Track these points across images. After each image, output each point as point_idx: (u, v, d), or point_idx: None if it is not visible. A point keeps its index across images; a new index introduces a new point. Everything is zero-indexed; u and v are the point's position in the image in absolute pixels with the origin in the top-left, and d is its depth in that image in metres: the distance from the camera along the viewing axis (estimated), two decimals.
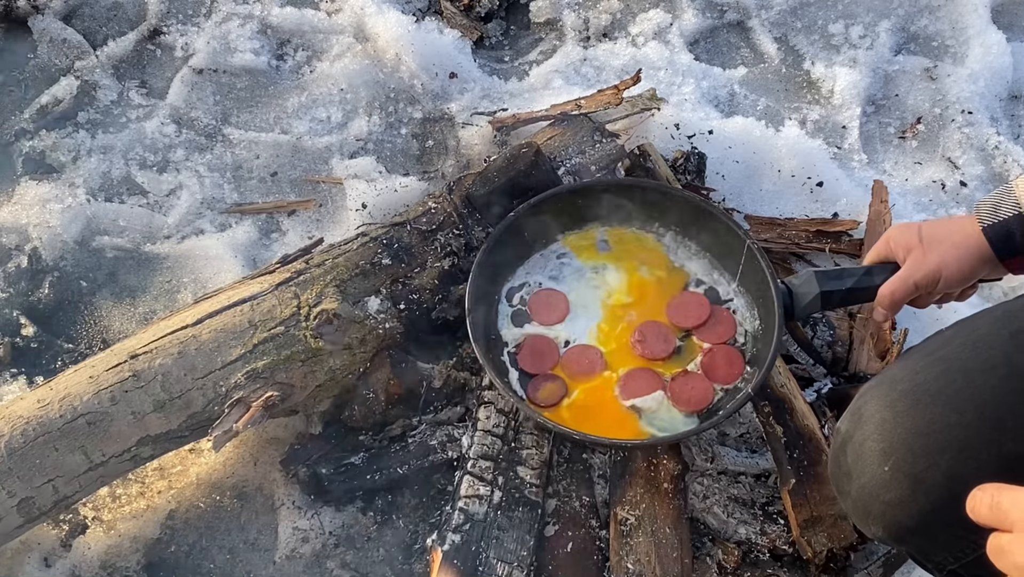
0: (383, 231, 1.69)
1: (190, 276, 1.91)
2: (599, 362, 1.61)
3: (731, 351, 1.62)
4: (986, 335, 1.21)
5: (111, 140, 2.08)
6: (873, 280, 1.41)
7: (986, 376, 1.16)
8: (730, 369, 1.60)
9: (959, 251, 1.30)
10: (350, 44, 2.22)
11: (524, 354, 1.63)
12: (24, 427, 1.44)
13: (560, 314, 1.66)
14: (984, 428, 1.13)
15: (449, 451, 1.60)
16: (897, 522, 1.16)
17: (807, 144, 2.08)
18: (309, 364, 1.55)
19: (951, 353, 1.21)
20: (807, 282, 1.48)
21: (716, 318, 1.65)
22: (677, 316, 1.65)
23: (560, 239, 1.74)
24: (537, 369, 1.61)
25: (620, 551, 1.49)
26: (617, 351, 1.63)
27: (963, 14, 2.30)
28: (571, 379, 1.60)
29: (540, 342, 1.64)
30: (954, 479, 1.11)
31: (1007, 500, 0.80)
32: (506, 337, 1.65)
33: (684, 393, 1.57)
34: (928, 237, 1.33)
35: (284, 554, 1.60)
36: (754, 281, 1.62)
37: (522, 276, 1.71)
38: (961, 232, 1.30)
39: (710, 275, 1.70)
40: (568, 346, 1.63)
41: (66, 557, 1.59)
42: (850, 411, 1.24)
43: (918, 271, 1.33)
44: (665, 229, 1.74)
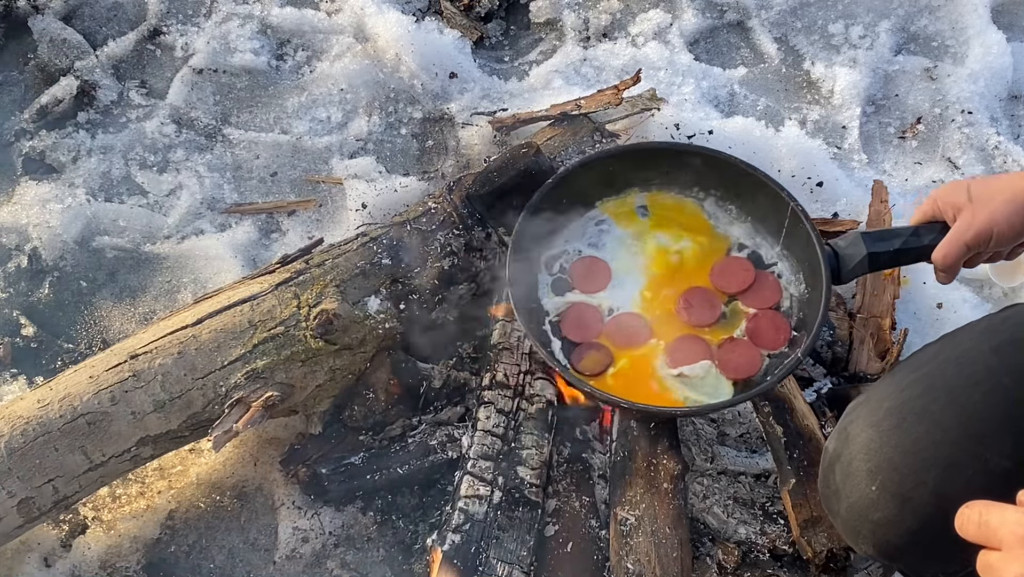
0: (383, 231, 1.69)
1: (190, 276, 1.91)
2: (645, 330, 1.58)
3: (777, 316, 1.59)
4: (969, 350, 1.20)
5: (111, 140, 2.08)
6: (921, 240, 1.39)
7: (969, 392, 1.15)
8: (776, 335, 1.57)
9: (1010, 207, 1.27)
10: (350, 44, 2.22)
11: (568, 323, 1.59)
12: (24, 427, 1.44)
13: (602, 282, 1.62)
14: (969, 444, 1.12)
15: (449, 451, 1.60)
16: (886, 541, 1.16)
17: (807, 144, 2.08)
18: (309, 364, 1.55)
19: (935, 370, 1.20)
20: (854, 243, 1.45)
21: (761, 282, 1.61)
22: (721, 281, 1.62)
23: (598, 205, 1.70)
24: (581, 337, 1.58)
25: (620, 551, 1.49)
26: (662, 318, 1.59)
27: (963, 14, 2.30)
28: (616, 348, 1.57)
29: (584, 310, 1.60)
30: (942, 497, 1.10)
31: (995, 518, 0.80)
32: (547, 306, 1.61)
33: (732, 361, 1.54)
34: (977, 195, 1.30)
35: (284, 554, 1.60)
36: (798, 244, 1.59)
37: (561, 244, 1.67)
38: (1011, 188, 1.27)
39: (752, 239, 1.67)
40: (612, 314, 1.60)
41: (66, 557, 1.59)
42: (837, 430, 1.24)
43: (969, 230, 1.30)
44: (705, 193, 1.70)
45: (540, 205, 1.61)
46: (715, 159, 1.67)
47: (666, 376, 1.54)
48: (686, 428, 1.67)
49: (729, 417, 1.70)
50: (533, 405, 1.60)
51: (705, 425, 1.69)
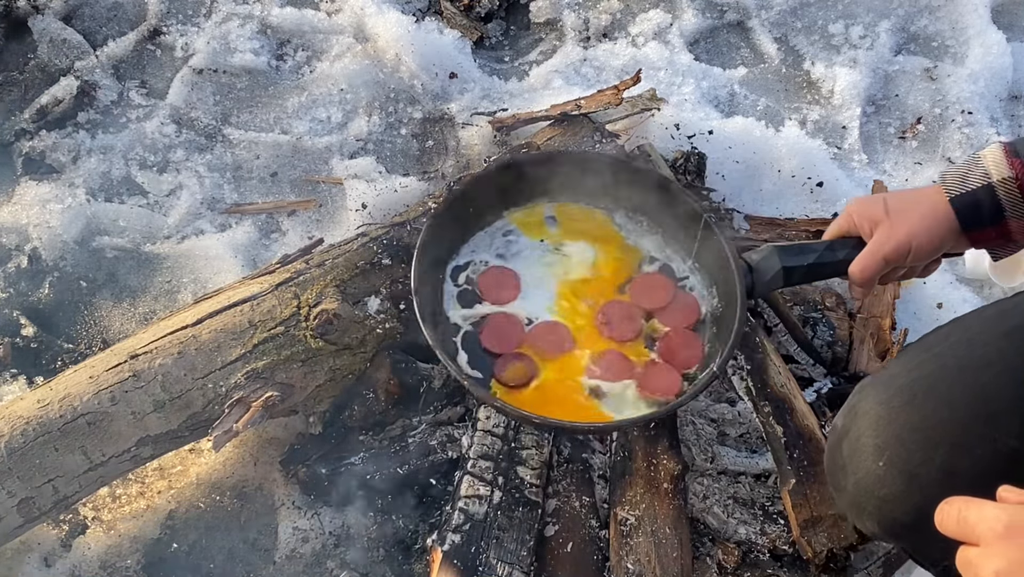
0: (383, 231, 1.69)
1: (190, 276, 1.91)
2: (568, 339, 1.56)
3: (689, 334, 1.58)
4: (981, 332, 1.21)
5: (111, 140, 2.08)
6: (835, 255, 1.38)
7: (980, 373, 1.16)
8: (688, 354, 1.55)
9: (927, 222, 1.27)
10: (350, 44, 2.22)
11: (487, 333, 1.57)
12: (24, 427, 1.44)
13: (511, 292, 1.60)
14: (978, 424, 1.13)
15: (449, 451, 1.60)
16: (892, 518, 1.16)
17: (807, 144, 2.08)
18: (309, 364, 1.55)
19: (946, 350, 1.20)
20: (768, 257, 1.44)
21: (679, 301, 1.60)
22: (640, 297, 1.60)
23: (505, 215, 1.68)
24: (502, 348, 1.55)
25: (620, 551, 1.49)
26: (584, 328, 1.57)
27: (963, 14, 2.31)
28: (540, 358, 1.55)
29: (503, 320, 1.58)
30: (948, 474, 1.11)
31: (974, 514, 0.80)
32: (454, 318, 1.59)
33: (652, 383, 1.53)
34: (895, 209, 1.30)
35: (284, 554, 1.60)
36: (711, 257, 1.57)
37: (467, 254, 1.64)
38: (928, 202, 1.27)
39: (663, 252, 1.65)
40: (532, 324, 1.58)
41: (66, 557, 1.59)
42: (846, 406, 1.24)
43: (887, 243, 1.30)
44: (615, 204, 1.68)
45: (443, 215, 1.58)
46: (621, 167, 1.65)
47: (585, 391, 1.52)
48: (686, 428, 1.67)
49: (729, 417, 1.70)
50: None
51: (705, 425, 1.69)
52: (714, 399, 1.73)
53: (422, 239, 1.55)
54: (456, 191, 1.61)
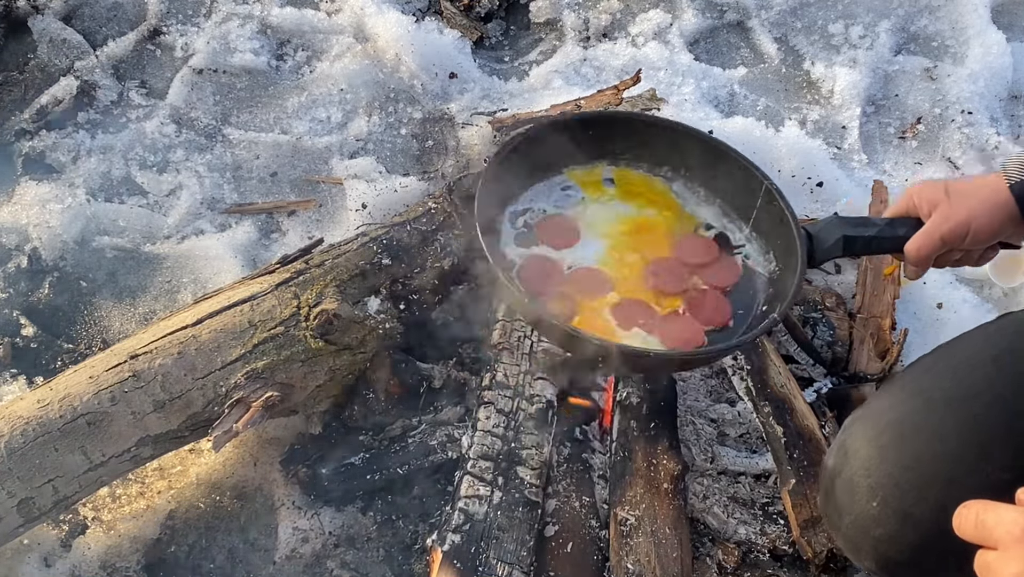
0: (383, 231, 1.69)
1: (190, 276, 1.91)
2: (607, 284, 1.57)
3: (721, 297, 1.57)
4: (966, 360, 1.20)
5: (111, 140, 2.08)
6: (896, 231, 1.39)
7: (969, 404, 1.15)
8: (715, 313, 1.56)
9: (987, 206, 1.27)
10: (350, 44, 2.22)
11: (528, 274, 1.57)
12: (24, 427, 1.44)
13: (570, 240, 1.61)
14: (969, 457, 1.12)
15: (449, 451, 1.60)
16: (888, 557, 1.16)
17: (807, 144, 2.08)
18: (309, 364, 1.55)
19: (933, 382, 1.20)
20: (828, 226, 1.46)
21: (722, 263, 1.61)
22: (686, 253, 1.61)
23: (565, 172, 1.69)
24: (542, 289, 1.56)
25: (620, 551, 1.49)
26: (627, 279, 1.58)
27: (963, 14, 2.31)
28: (579, 297, 1.55)
29: (545, 264, 1.58)
30: (943, 512, 1.10)
31: (992, 518, 0.80)
32: (511, 255, 1.60)
33: (674, 333, 1.52)
34: (955, 192, 1.31)
35: (284, 554, 1.60)
36: (769, 224, 1.58)
37: (526, 201, 1.65)
38: (989, 188, 1.28)
39: (720, 221, 1.66)
40: (571, 269, 1.58)
41: (66, 557, 1.59)
42: (836, 446, 1.23)
43: (944, 224, 1.30)
44: (675, 173, 1.69)
45: (508, 157, 1.59)
46: (687, 134, 1.65)
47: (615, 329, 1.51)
48: (686, 428, 1.67)
49: (729, 417, 1.70)
50: (533, 405, 1.60)
51: (705, 425, 1.69)
52: (714, 399, 1.73)
53: (485, 175, 1.55)
54: (523, 135, 1.61)
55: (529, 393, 1.62)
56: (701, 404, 1.71)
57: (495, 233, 1.60)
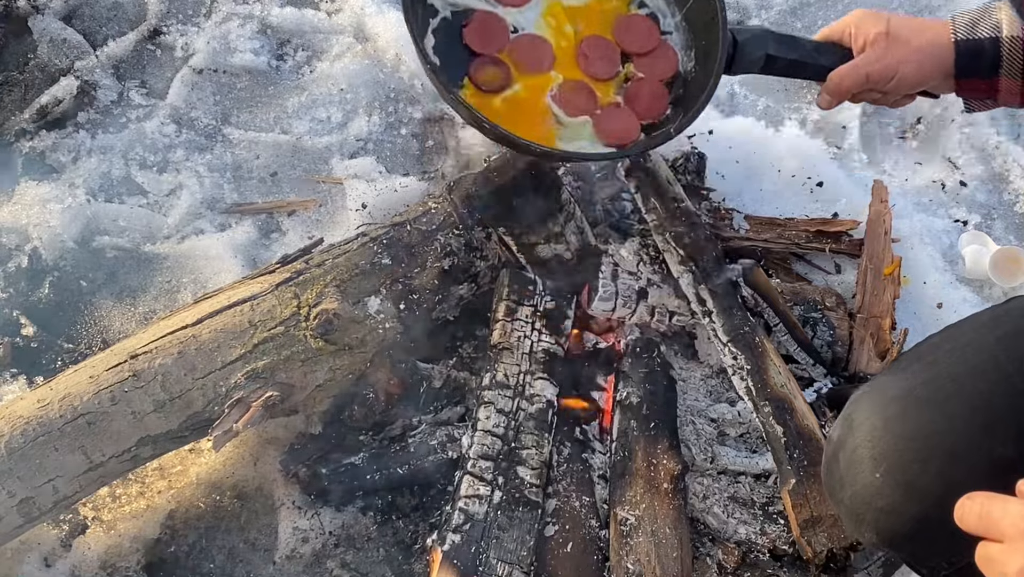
0: (383, 231, 1.69)
1: (190, 276, 1.91)
2: (548, 59, 1.50)
3: (659, 87, 1.53)
4: (973, 341, 1.20)
5: (111, 140, 2.08)
6: (820, 59, 1.37)
7: (975, 381, 1.15)
8: (653, 104, 1.51)
9: (921, 55, 1.27)
10: (350, 44, 2.22)
11: (472, 29, 1.49)
12: (24, 427, 1.44)
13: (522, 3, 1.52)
14: (974, 433, 1.12)
15: (449, 451, 1.60)
16: (890, 528, 1.16)
17: (807, 144, 2.08)
18: (309, 364, 1.55)
19: (940, 359, 1.20)
20: (756, 39, 1.42)
21: (661, 51, 1.54)
22: (624, 38, 1.54)
23: None
24: (485, 48, 1.49)
25: (620, 551, 1.49)
26: (565, 51, 1.52)
27: None
28: (517, 69, 1.49)
29: (490, 20, 1.50)
30: (945, 484, 1.10)
31: (997, 509, 0.80)
32: (437, 4, 1.49)
33: (610, 125, 1.49)
34: (895, 32, 1.29)
35: (284, 554, 1.60)
36: (700, 20, 1.52)
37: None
38: (930, 34, 1.27)
39: (655, 0, 1.58)
40: (517, 33, 1.52)
41: (66, 557, 1.59)
42: (841, 418, 1.24)
43: (874, 63, 1.30)
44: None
45: None
46: None
47: (550, 117, 1.48)
48: (686, 428, 1.67)
49: (729, 417, 1.70)
50: (533, 405, 1.60)
51: (705, 425, 1.69)
52: (714, 399, 1.73)
53: None
54: None
55: (529, 393, 1.62)
56: (701, 404, 1.71)
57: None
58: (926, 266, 1.95)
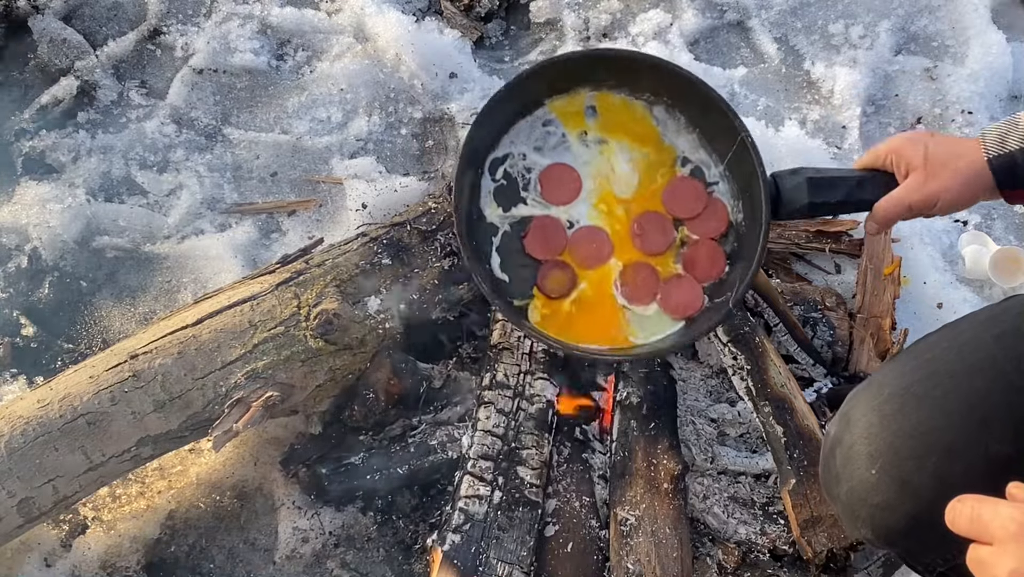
0: (383, 231, 1.69)
1: (190, 276, 1.91)
2: (607, 247, 1.54)
3: (714, 247, 1.57)
4: (972, 338, 1.21)
5: (111, 140, 2.08)
6: (864, 194, 1.40)
7: (972, 378, 1.16)
8: (711, 267, 1.55)
9: (961, 178, 1.28)
10: (350, 44, 2.22)
11: (532, 238, 1.55)
12: (24, 427, 1.44)
13: (571, 193, 1.57)
14: (970, 430, 1.13)
15: (449, 451, 1.60)
16: (886, 525, 1.16)
17: (807, 144, 2.07)
18: (309, 364, 1.55)
19: (937, 356, 1.21)
20: (797, 188, 1.44)
21: (710, 210, 1.58)
22: (673, 205, 1.58)
23: (546, 103, 1.62)
24: (547, 255, 1.53)
25: (620, 551, 1.49)
26: (619, 234, 1.56)
27: (963, 14, 2.30)
28: (579, 266, 1.53)
29: (547, 223, 1.55)
30: (941, 481, 1.11)
31: (987, 512, 0.80)
32: (490, 217, 1.56)
33: (674, 299, 1.53)
34: (933, 159, 1.31)
35: (284, 554, 1.60)
36: (742, 172, 1.55)
37: (507, 146, 1.59)
38: (966, 159, 1.28)
39: (697, 153, 1.61)
40: (573, 228, 1.56)
41: (66, 557, 1.59)
42: (839, 415, 1.24)
43: (916, 193, 1.32)
44: (656, 98, 1.63)
45: (493, 111, 1.54)
46: (671, 71, 1.60)
47: (620, 307, 1.52)
48: (686, 428, 1.67)
49: (729, 417, 1.70)
50: (533, 405, 1.60)
51: (705, 425, 1.69)
52: (714, 399, 1.73)
53: (470, 133, 1.51)
54: (518, 79, 1.56)
55: (529, 393, 1.62)
56: (701, 404, 1.71)
57: (475, 192, 1.55)
58: (926, 266, 1.95)
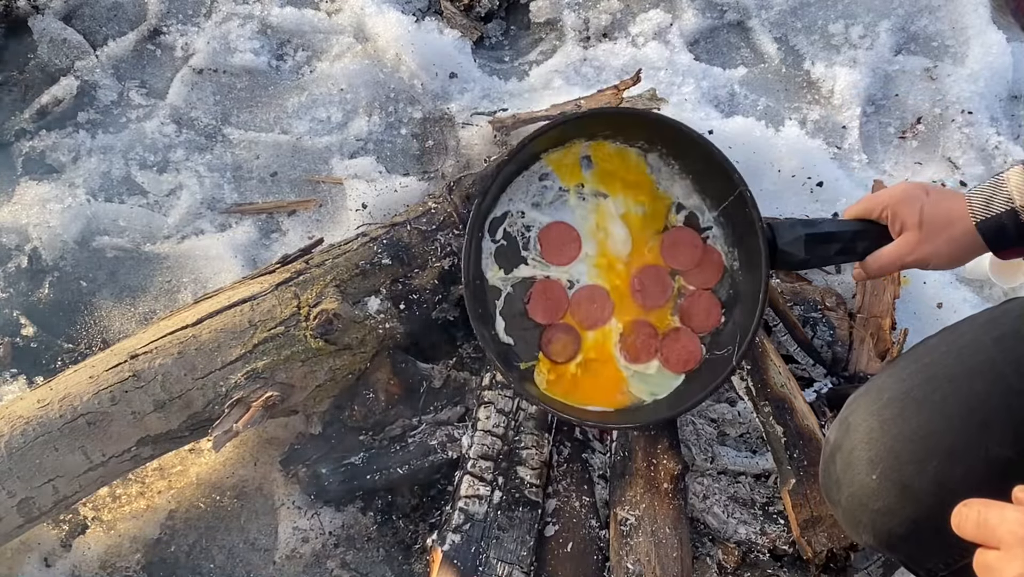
0: (383, 231, 1.69)
1: (190, 276, 1.91)
2: (608, 306, 1.56)
3: (709, 298, 1.58)
4: (971, 342, 1.21)
5: (111, 140, 2.08)
6: (856, 247, 1.43)
7: (971, 382, 1.16)
8: (707, 318, 1.57)
9: (952, 246, 1.32)
10: (350, 44, 2.22)
11: (535, 302, 1.56)
12: (24, 427, 1.44)
13: (573, 253, 1.58)
14: (970, 433, 1.13)
15: (449, 451, 1.60)
16: (887, 530, 1.16)
17: (807, 144, 2.08)
18: (309, 364, 1.55)
19: (936, 360, 1.21)
20: (794, 243, 1.46)
21: (706, 260, 1.60)
22: (671, 257, 1.59)
23: (542, 157, 1.63)
24: (550, 319, 1.55)
25: (620, 551, 1.49)
26: (618, 289, 1.58)
27: (963, 14, 2.30)
28: (581, 328, 1.55)
29: (549, 287, 1.57)
30: (942, 485, 1.11)
31: (994, 516, 0.80)
32: (492, 280, 1.58)
33: (675, 353, 1.55)
34: (928, 222, 1.34)
35: (284, 554, 1.60)
36: (739, 220, 1.56)
37: (505, 204, 1.61)
38: (959, 226, 1.30)
39: (691, 199, 1.62)
40: (574, 288, 1.57)
41: (66, 557, 1.59)
42: (838, 420, 1.24)
43: (909, 255, 1.35)
44: (650, 146, 1.63)
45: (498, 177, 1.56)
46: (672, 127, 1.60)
47: (616, 366, 1.54)
48: (686, 428, 1.67)
49: (729, 417, 1.70)
50: (533, 405, 1.60)
51: (705, 425, 1.69)
52: (714, 399, 1.73)
53: (480, 203, 1.53)
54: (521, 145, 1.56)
55: None
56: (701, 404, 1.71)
57: (476, 254, 1.57)
58: None
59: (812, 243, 1.46)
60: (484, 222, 1.59)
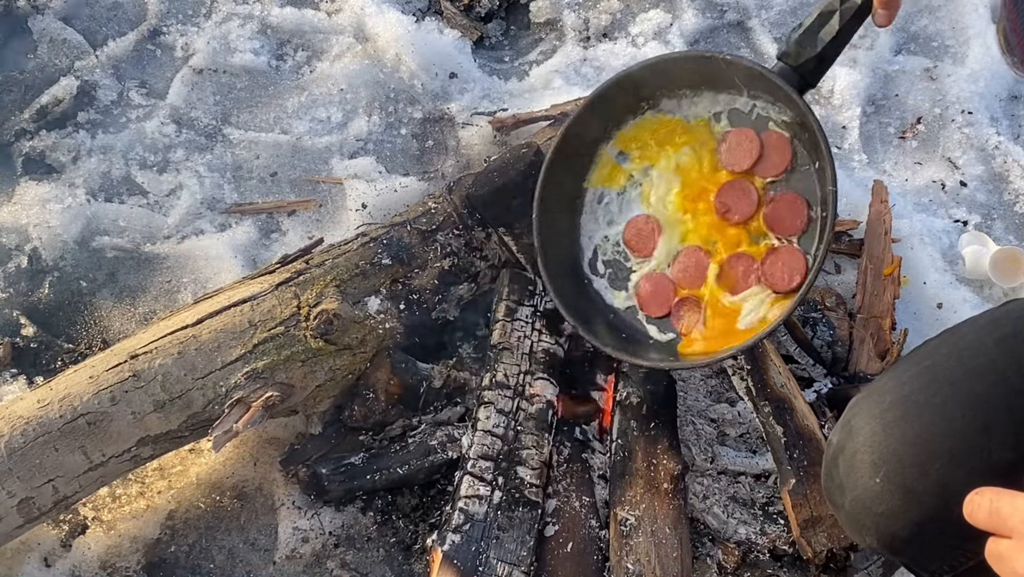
0: (383, 231, 1.69)
1: (190, 276, 1.91)
2: (703, 259, 1.52)
3: (793, 197, 1.47)
4: (972, 343, 1.20)
5: (111, 140, 2.08)
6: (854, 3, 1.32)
7: (973, 384, 1.15)
8: (795, 219, 1.47)
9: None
10: (350, 44, 2.22)
11: (645, 300, 1.56)
12: (24, 427, 1.44)
13: (654, 235, 1.56)
14: (973, 435, 1.12)
15: (449, 451, 1.60)
16: (891, 533, 1.16)
17: None
18: (309, 364, 1.55)
19: (938, 362, 1.20)
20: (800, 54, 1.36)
21: (769, 146, 1.49)
22: (732, 160, 1.51)
23: (586, 187, 1.63)
24: (666, 306, 1.54)
25: (620, 551, 1.49)
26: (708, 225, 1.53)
27: (963, 14, 2.30)
28: (693, 289, 1.52)
29: (650, 279, 1.56)
30: (945, 488, 1.10)
31: (1007, 505, 0.80)
32: (619, 305, 1.58)
33: (778, 273, 1.46)
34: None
35: (284, 554, 1.60)
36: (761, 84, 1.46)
37: (586, 243, 1.62)
38: None
39: (716, 105, 1.55)
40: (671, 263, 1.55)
41: (66, 557, 1.59)
42: (840, 423, 1.24)
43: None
44: (655, 99, 1.58)
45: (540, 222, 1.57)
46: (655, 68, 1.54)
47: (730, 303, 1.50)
48: (686, 428, 1.67)
49: (729, 417, 1.70)
50: (533, 405, 1.60)
51: (705, 425, 1.69)
52: (714, 399, 1.73)
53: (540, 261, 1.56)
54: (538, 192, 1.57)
55: (529, 393, 1.62)
56: (701, 404, 1.71)
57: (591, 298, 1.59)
58: (926, 266, 1.94)
59: (822, 59, 1.36)
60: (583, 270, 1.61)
